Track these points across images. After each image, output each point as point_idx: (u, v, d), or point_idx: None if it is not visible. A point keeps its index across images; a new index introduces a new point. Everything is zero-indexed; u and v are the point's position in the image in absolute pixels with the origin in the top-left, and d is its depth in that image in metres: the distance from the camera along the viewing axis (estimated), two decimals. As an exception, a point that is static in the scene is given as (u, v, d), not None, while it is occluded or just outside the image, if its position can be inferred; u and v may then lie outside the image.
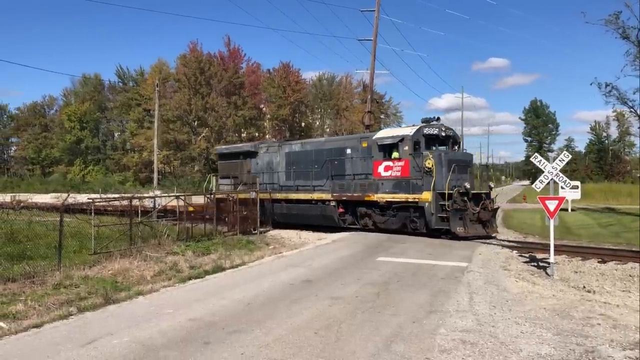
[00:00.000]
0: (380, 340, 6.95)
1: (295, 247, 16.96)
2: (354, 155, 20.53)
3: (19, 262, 12.14)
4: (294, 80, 59.46)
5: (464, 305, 8.90)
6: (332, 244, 17.72)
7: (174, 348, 6.70)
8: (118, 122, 73.02)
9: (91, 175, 66.00)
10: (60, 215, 12.59)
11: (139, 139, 60.01)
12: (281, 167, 23.75)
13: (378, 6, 31.83)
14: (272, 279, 11.39)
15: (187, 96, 52.49)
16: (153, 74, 60.13)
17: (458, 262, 13.34)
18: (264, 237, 19.59)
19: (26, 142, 77.51)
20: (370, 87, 33.85)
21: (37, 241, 14.22)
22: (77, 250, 14.13)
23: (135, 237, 14.91)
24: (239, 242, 17.16)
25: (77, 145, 68.51)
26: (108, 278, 11.15)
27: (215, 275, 12.17)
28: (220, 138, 52.58)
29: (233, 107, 53.12)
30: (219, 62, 55.82)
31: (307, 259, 14.29)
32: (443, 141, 19.46)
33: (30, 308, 8.66)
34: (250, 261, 14.13)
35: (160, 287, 10.67)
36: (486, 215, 17.95)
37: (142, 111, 62.87)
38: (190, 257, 14.15)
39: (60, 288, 10.14)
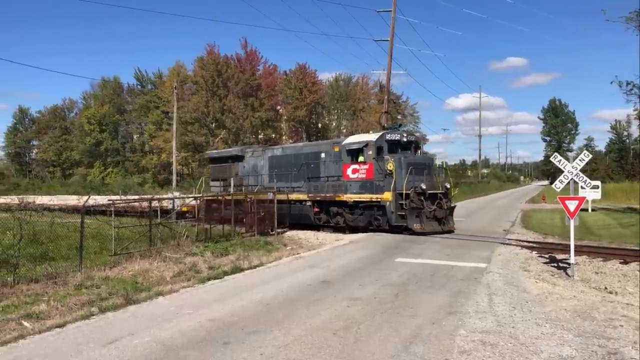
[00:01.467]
0: (399, 341, 6.93)
1: (313, 248, 16.97)
2: (327, 159, 22.15)
3: (41, 263, 12.32)
4: (311, 81, 59.48)
5: (483, 306, 8.85)
6: (350, 244, 17.71)
7: (194, 348, 6.76)
8: (137, 125, 73.61)
9: (111, 177, 66.72)
10: (82, 216, 12.75)
11: (158, 141, 60.52)
12: (265, 170, 25.33)
13: (394, 6, 31.76)
14: (290, 279, 11.42)
15: (204, 98, 52.81)
16: (171, 77, 60.59)
17: (477, 263, 13.26)
18: (282, 238, 19.64)
19: (47, 144, 78.51)
20: (387, 87, 33.78)
21: (58, 242, 14.44)
22: (98, 251, 14.31)
23: (154, 238, 15.04)
24: (257, 243, 17.21)
25: (96, 148, 69.30)
26: (128, 279, 11.28)
27: (233, 275, 12.24)
28: (237, 139, 52.81)
29: (250, 108, 53.31)
30: (236, 64, 56.07)
31: (325, 259, 14.30)
32: (405, 146, 21.11)
33: (53, 308, 8.79)
34: (268, 262, 14.18)
35: (179, 287, 10.76)
36: (441, 213, 19.60)
37: (160, 113, 63.34)
38: (209, 257, 14.23)
39: (82, 288, 10.28)
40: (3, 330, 7.59)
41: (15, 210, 12.09)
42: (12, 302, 9.10)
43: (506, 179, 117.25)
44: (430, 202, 19.55)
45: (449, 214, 20.49)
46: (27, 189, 57.87)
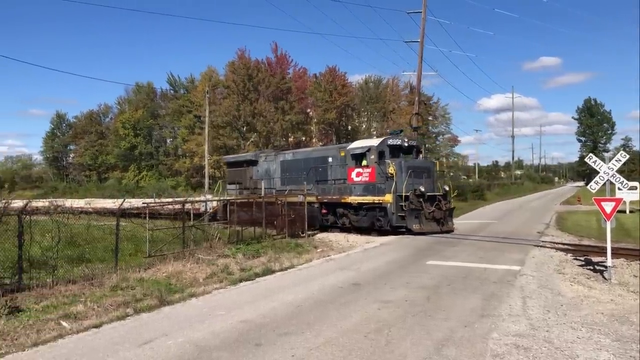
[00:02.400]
0: (431, 344, 6.88)
1: (343, 250, 16.96)
2: (333, 163, 23.23)
3: (78, 265, 12.63)
4: (341, 83, 59.44)
5: (517, 309, 8.71)
6: (381, 247, 17.64)
7: (226, 349, 6.83)
8: (170, 129, 74.66)
9: (145, 180, 67.87)
10: (117, 219, 13.02)
11: (190, 144, 61.33)
12: (277, 174, 26.44)
13: (425, 8, 31.56)
14: (321, 281, 11.44)
15: (235, 102, 53.29)
16: (203, 82, 61.35)
17: (510, 266, 13.06)
18: (312, 240, 19.67)
19: (83, 149, 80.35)
20: (418, 89, 33.54)
21: (95, 244, 14.77)
22: (133, 253, 14.57)
23: (187, 240, 15.25)
24: (288, 245, 17.28)
25: (131, 152, 70.65)
26: (162, 280, 11.46)
27: (265, 277, 12.31)
28: (268, 143, 53.14)
29: (280, 112, 53.59)
30: (266, 68, 56.46)
31: (356, 262, 14.28)
32: (407, 150, 22.18)
33: (89, 309, 8.99)
34: (299, 264, 14.22)
35: (212, 289, 10.88)
36: (440, 214, 20.46)
37: (192, 118, 64.16)
38: (241, 259, 14.35)
39: (117, 290, 10.49)
40: (43, 330, 7.80)
41: (54, 213, 12.37)
42: (52, 303, 9.34)
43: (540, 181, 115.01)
44: (430, 204, 20.41)
45: (448, 215, 21.35)
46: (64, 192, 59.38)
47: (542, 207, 41.23)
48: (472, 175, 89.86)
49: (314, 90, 59.61)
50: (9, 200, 12.23)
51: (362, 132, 64.79)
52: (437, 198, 20.79)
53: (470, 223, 26.37)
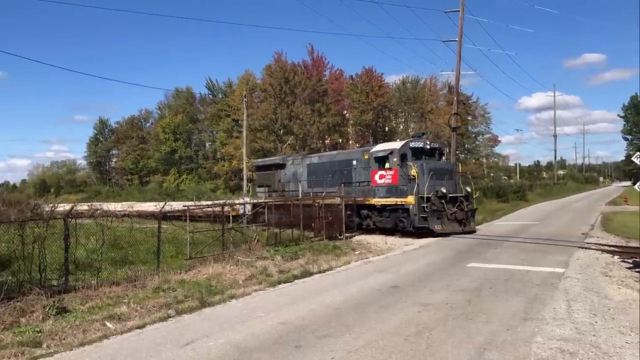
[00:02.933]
0: (473, 348, 6.78)
1: (382, 253, 16.88)
2: (357, 166, 23.77)
3: (121, 267, 12.95)
4: (377, 85, 59.15)
5: (561, 312, 8.50)
6: (420, 249, 17.49)
7: (266, 351, 6.88)
8: (209, 133, 75.71)
9: (185, 184, 68.96)
10: (159, 222, 13.29)
11: (229, 148, 62.02)
12: (304, 177, 27.16)
13: (462, 6, 31.13)
14: (359, 284, 11.41)
15: (272, 105, 53.67)
16: (240, 85, 62.02)
17: (554, 268, 12.75)
18: (350, 242, 19.65)
19: (125, 153, 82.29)
20: (456, 88, 33.12)
21: (137, 247, 15.11)
22: (174, 255, 14.84)
23: (227, 242, 15.44)
24: (326, 247, 17.31)
25: (171, 156, 71.94)
26: (203, 282, 11.64)
27: (303, 279, 12.37)
28: (304, 145, 53.30)
29: (317, 114, 53.68)
30: (302, 71, 56.67)
31: (394, 264, 14.19)
32: (429, 152, 22.60)
33: (133, 310, 9.21)
34: (337, 266, 14.23)
35: (251, 290, 10.99)
36: (462, 214, 20.83)
37: (230, 121, 64.88)
38: (279, 261, 14.45)
39: (159, 291, 10.70)
40: (89, 330, 8.03)
41: (98, 216, 12.72)
42: (96, 304, 9.61)
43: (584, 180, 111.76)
44: (452, 205, 20.75)
45: (470, 215, 21.74)
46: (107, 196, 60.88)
47: (587, 207, 40.07)
48: (513, 176, 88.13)
49: (351, 92, 59.49)
50: (56, 204, 12.61)
51: (399, 133, 64.32)
52: (459, 199, 21.17)
53: (511, 224, 25.87)
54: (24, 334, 7.79)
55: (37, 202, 15.65)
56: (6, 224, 10.54)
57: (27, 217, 11.19)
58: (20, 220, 10.58)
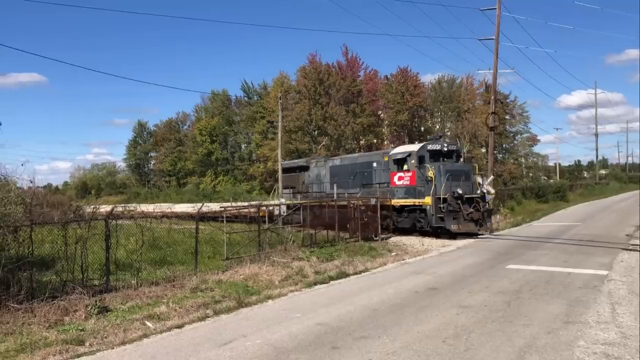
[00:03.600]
0: (513, 351, 6.65)
1: (418, 254, 16.74)
2: (378, 168, 24.49)
3: (160, 267, 13.20)
4: (412, 84, 58.67)
5: (605, 316, 8.26)
6: (457, 251, 17.29)
7: (303, 351, 6.90)
8: (244, 135, 76.40)
9: (221, 185, 69.70)
10: (196, 223, 13.47)
11: (264, 149, 62.43)
12: (327, 179, 27.96)
13: (499, 4, 30.63)
14: (396, 285, 11.33)
15: (307, 107, 53.80)
16: (275, 87, 62.35)
17: (596, 270, 12.41)
18: (386, 243, 19.54)
19: (163, 155, 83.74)
20: (494, 87, 32.60)
21: (175, 247, 15.36)
22: (211, 256, 15.03)
23: (263, 243, 15.56)
24: (361, 249, 17.26)
25: (208, 158, 72.86)
26: (239, 282, 11.75)
27: (339, 281, 12.36)
28: (339, 146, 53.27)
29: (351, 115, 53.57)
30: (337, 71, 56.65)
31: (432, 266, 14.05)
32: (447, 154, 23.03)
33: (171, 310, 9.36)
34: (373, 268, 14.17)
35: (287, 291, 11.04)
36: (477, 215, 21.10)
37: (266, 123, 65.24)
38: (315, 262, 14.48)
39: (197, 292, 10.86)
40: (129, 329, 8.19)
41: (138, 217, 12.97)
42: (136, 304, 9.81)
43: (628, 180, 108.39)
44: (468, 205, 21.06)
45: (487, 215, 22.11)
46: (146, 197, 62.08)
47: (631, 208, 38.80)
48: (553, 176, 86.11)
49: (385, 92, 59.18)
50: (97, 205, 12.93)
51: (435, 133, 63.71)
52: (475, 200, 21.51)
53: (551, 225, 25.29)
54: (67, 332, 8.00)
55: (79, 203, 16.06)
56: (50, 225, 10.83)
57: (70, 219, 11.46)
58: (63, 221, 10.86)
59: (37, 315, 8.70)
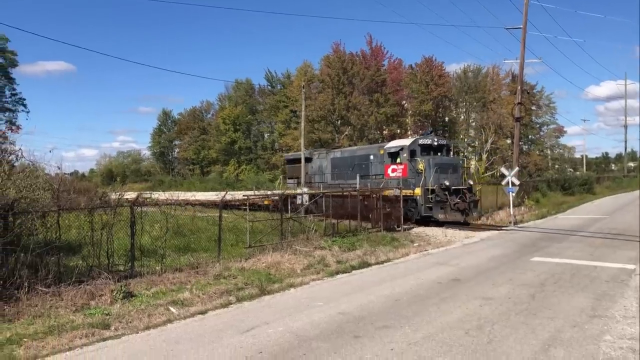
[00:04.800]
0: (537, 343, 6.58)
1: (441, 245, 16.64)
2: (374, 161, 26.09)
3: (184, 254, 13.34)
4: (437, 74, 58.13)
5: (632, 311, 8.12)
6: (481, 242, 17.15)
7: (325, 340, 6.92)
8: (267, 124, 76.65)
9: (244, 174, 70.07)
10: (220, 211, 13.57)
11: (287, 139, 62.55)
12: (328, 170, 29.80)
13: (527, -9, 30.02)
14: (418, 276, 11.29)
15: (330, 96, 53.65)
16: (299, 76, 62.28)
17: (624, 264, 12.19)
18: (408, 234, 19.48)
19: (187, 144, 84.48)
20: (520, 77, 32.08)
21: (199, 235, 15.51)
22: (234, 244, 15.14)
23: (285, 232, 15.62)
24: (383, 239, 17.23)
25: (231, 146, 73.21)
26: (262, 270, 11.83)
27: (361, 270, 12.36)
28: (362, 136, 53.05)
29: (375, 104, 53.30)
30: (361, 61, 56.35)
31: (455, 257, 13.96)
32: (437, 148, 24.68)
33: (195, 296, 9.47)
34: (395, 258, 14.14)
35: (309, 280, 11.08)
36: (463, 205, 22.22)
37: (289, 112, 65.37)
38: (337, 252, 14.50)
39: (220, 279, 10.96)
40: (154, 315, 8.31)
41: (162, 204, 13.11)
42: (160, 289, 9.94)
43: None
44: (455, 196, 22.26)
45: (473, 206, 23.43)
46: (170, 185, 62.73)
47: (661, 201, 38.01)
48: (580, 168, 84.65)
49: (410, 82, 58.73)
50: (122, 192, 13.09)
51: (460, 123, 63.08)
52: (462, 191, 22.70)
53: (577, 218, 24.90)
54: (93, 316, 8.16)
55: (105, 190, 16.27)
56: (77, 211, 10.98)
57: (96, 205, 11.61)
58: (89, 207, 11.01)
59: (64, 298, 8.87)
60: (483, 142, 58.38)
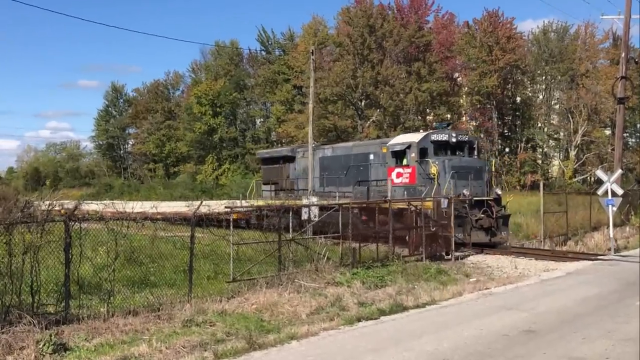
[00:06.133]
0: None
1: (509, 281, 16.60)
2: (375, 161, 27.23)
3: (140, 290, 13.35)
4: (505, 35, 57.88)
5: None
6: (566, 277, 17.09)
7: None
8: (260, 106, 76.55)
9: (227, 177, 70.02)
10: (192, 229, 13.60)
11: (288, 126, 62.40)
12: (316, 173, 30.51)
13: None
14: (476, 325, 11.26)
15: (351, 65, 53.41)
16: (306, 37, 62.29)
17: None
18: (461, 264, 19.48)
19: (146, 133, 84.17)
20: (625, 40, 31.99)
21: (161, 263, 15.51)
22: (212, 276, 15.17)
23: (285, 259, 15.64)
24: (426, 271, 17.24)
25: (208, 137, 72.86)
26: (251, 314, 11.85)
27: (393, 316, 12.34)
28: (395, 123, 52.91)
29: (415, 78, 53.07)
30: (395, 15, 56.40)
31: (529, 299, 13.92)
32: (456, 147, 25.71)
33: (155, 350, 9.48)
34: (443, 298, 14.11)
35: (319, 329, 11.06)
36: (488, 222, 23.17)
37: (291, 89, 65.25)
38: (359, 289, 14.50)
39: (192, 326, 10.98)
40: (96, 377, 8.34)
41: (110, 219, 13.12)
42: (107, 340, 9.97)
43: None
44: (477, 210, 23.24)
45: (502, 223, 24.33)
46: (121, 192, 63.06)
47: None
48: None
49: (465, 46, 58.61)
50: (54, 201, 13.12)
51: (537, 106, 62.81)
52: (487, 203, 23.67)
53: None
54: (10, 379, 8.19)
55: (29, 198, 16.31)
56: (-12, 227, 10.98)
57: (16, 219, 11.58)
58: (7, 222, 10.99)
59: (-31, 353, 8.90)
60: (570, 132, 58.05)
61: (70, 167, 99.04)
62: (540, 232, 26.32)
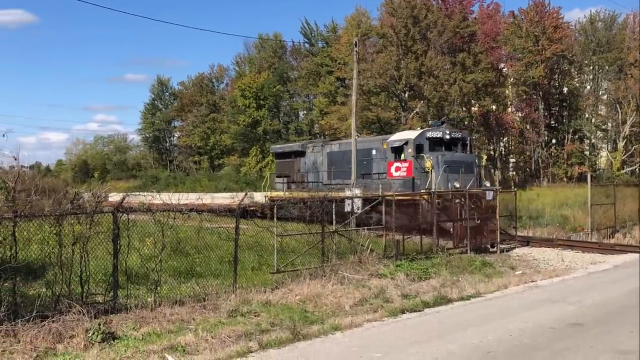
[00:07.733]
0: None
1: (556, 274, 16.44)
2: (377, 156, 29.41)
3: (186, 280, 13.49)
4: (552, 24, 57.15)
5: None
6: (614, 270, 16.87)
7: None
8: (303, 98, 76.54)
9: (270, 169, 70.22)
10: (236, 221, 13.69)
11: (331, 118, 62.33)
12: (324, 167, 33.12)
13: None
14: (522, 318, 11.19)
15: (394, 57, 53.16)
16: (349, 29, 62.14)
17: None
18: (507, 257, 19.35)
19: (191, 126, 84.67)
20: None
21: (207, 254, 15.64)
22: (256, 268, 15.27)
23: (328, 251, 15.67)
24: (471, 264, 17.16)
25: (252, 129, 73.05)
26: (295, 305, 11.92)
27: (437, 308, 12.32)
28: (440, 114, 52.47)
29: (460, 69, 52.63)
30: (439, 6, 55.94)
31: (575, 291, 13.78)
32: (450, 143, 27.62)
33: (201, 340, 9.58)
34: (488, 291, 14.04)
35: (362, 320, 11.09)
36: None
37: (334, 81, 65.17)
38: (402, 281, 14.48)
39: (237, 316, 11.09)
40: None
41: (157, 211, 13.24)
42: (154, 329, 10.10)
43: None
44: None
45: None
46: (167, 184, 63.56)
47: None
48: None
49: (511, 36, 57.95)
50: (103, 193, 13.29)
51: (584, 96, 61.79)
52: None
53: None
54: (60, 366, 8.35)
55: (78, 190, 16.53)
56: (39, 218, 11.05)
57: (66, 210, 11.69)
58: (56, 213, 11.14)
59: (22, 340, 9.04)
60: (619, 123, 57.01)
61: (118, 159, 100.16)
62: (587, 225, 26.06)
